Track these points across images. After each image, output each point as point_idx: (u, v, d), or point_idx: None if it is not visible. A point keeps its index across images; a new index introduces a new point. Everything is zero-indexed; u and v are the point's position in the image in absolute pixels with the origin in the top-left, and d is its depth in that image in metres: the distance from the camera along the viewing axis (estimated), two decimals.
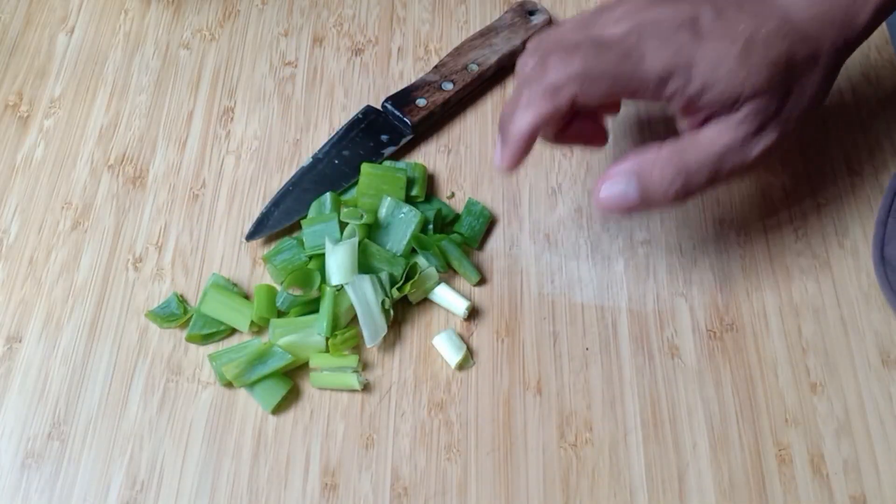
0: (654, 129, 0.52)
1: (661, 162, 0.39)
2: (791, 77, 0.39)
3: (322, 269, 0.45)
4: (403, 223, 0.46)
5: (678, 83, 0.38)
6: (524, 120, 0.39)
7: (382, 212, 0.47)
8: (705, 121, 0.40)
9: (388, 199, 0.47)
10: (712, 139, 0.39)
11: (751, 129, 0.39)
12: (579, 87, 0.38)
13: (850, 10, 0.40)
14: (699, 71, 0.38)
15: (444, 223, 0.48)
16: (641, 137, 0.52)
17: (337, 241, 0.45)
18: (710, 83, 0.38)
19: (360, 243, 0.45)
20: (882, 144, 0.51)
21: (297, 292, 0.45)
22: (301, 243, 0.46)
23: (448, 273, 0.47)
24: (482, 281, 0.47)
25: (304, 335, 0.44)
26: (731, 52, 0.38)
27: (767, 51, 0.38)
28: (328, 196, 0.47)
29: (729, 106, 0.39)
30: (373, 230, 0.46)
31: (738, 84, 0.38)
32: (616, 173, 0.39)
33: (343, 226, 0.46)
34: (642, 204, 0.39)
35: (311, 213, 0.48)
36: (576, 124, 0.43)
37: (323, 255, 0.45)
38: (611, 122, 0.52)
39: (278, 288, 0.45)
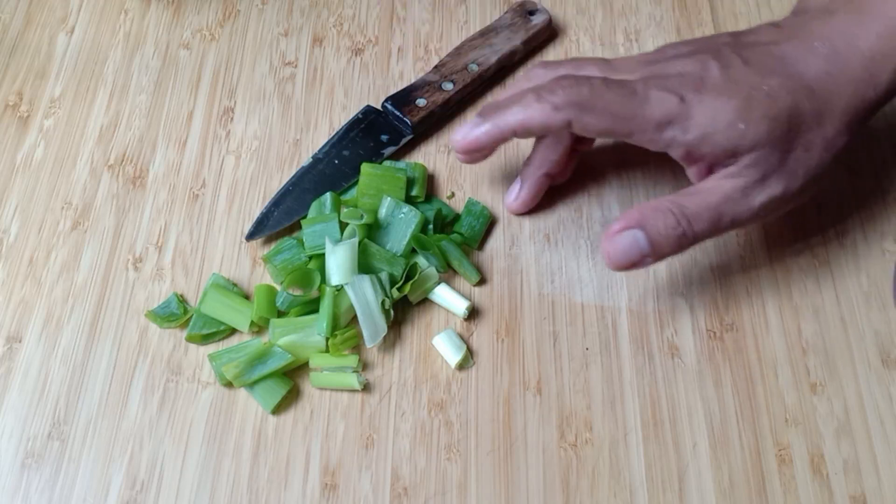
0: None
1: (662, 210, 0.40)
2: (794, 132, 0.40)
3: (322, 269, 0.45)
4: (403, 223, 0.46)
5: (675, 132, 0.40)
6: (515, 116, 0.40)
7: (382, 212, 0.47)
8: (710, 170, 0.41)
9: (388, 199, 0.47)
10: (712, 189, 0.40)
11: (751, 180, 0.40)
12: (576, 115, 0.39)
13: (870, 70, 0.41)
14: (696, 122, 0.39)
15: (444, 223, 0.48)
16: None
17: (337, 242, 0.45)
18: (707, 134, 0.39)
19: (360, 243, 0.45)
20: (882, 144, 0.51)
21: (297, 292, 0.45)
22: (301, 243, 0.46)
23: (448, 273, 0.47)
24: (482, 281, 0.47)
25: (304, 335, 0.44)
26: (730, 106, 0.39)
27: (769, 105, 0.39)
28: (328, 196, 0.47)
29: (728, 157, 0.40)
30: (373, 230, 0.46)
31: (737, 137, 0.39)
32: (621, 226, 0.40)
33: (343, 226, 0.46)
34: (653, 254, 0.40)
35: (311, 213, 0.48)
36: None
37: (323, 255, 0.45)
38: None
39: (278, 288, 0.45)
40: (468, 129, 0.42)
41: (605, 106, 0.39)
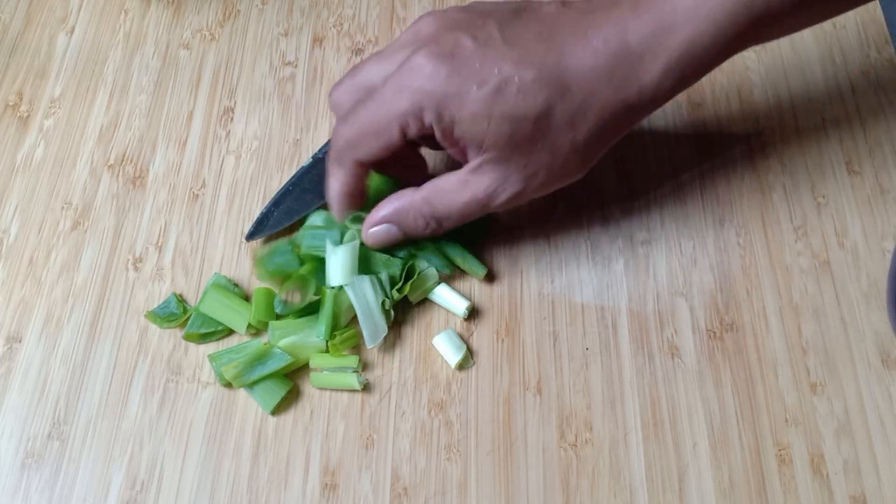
0: None
1: (414, 210, 0.42)
2: (540, 133, 0.38)
3: (316, 274, 0.45)
4: None
5: (430, 116, 0.38)
6: (331, 189, 0.43)
7: None
8: (466, 154, 0.40)
9: None
10: (461, 188, 0.41)
11: (494, 180, 0.40)
12: (356, 154, 0.40)
13: (635, 68, 0.38)
14: (447, 107, 0.38)
15: None
16: None
17: (337, 243, 0.45)
18: (457, 120, 0.38)
19: (360, 245, 0.45)
20: (882, 144, 0.51)
21: (294, 299, 0.45)
22: (295, 248, 0.46)
23: (452, 273, 0.47)
24: (489, 275, 0.47)
25: (303, 336, 0.44)
26: (478, 95, 0.38)
27: (516, 103, 0.38)
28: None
29: (475, 147, 0.39)
30: None
31: (481, 132, 0.38)
32: (379, 220, 0.43)
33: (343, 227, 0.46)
34: (407, 239, 0.44)
35: (311, 221, 0.47)
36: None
37: (316, 258, 0.45)
38: None
39: (276, 289, 0.45)
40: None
41: (365, 129, 0.39)
